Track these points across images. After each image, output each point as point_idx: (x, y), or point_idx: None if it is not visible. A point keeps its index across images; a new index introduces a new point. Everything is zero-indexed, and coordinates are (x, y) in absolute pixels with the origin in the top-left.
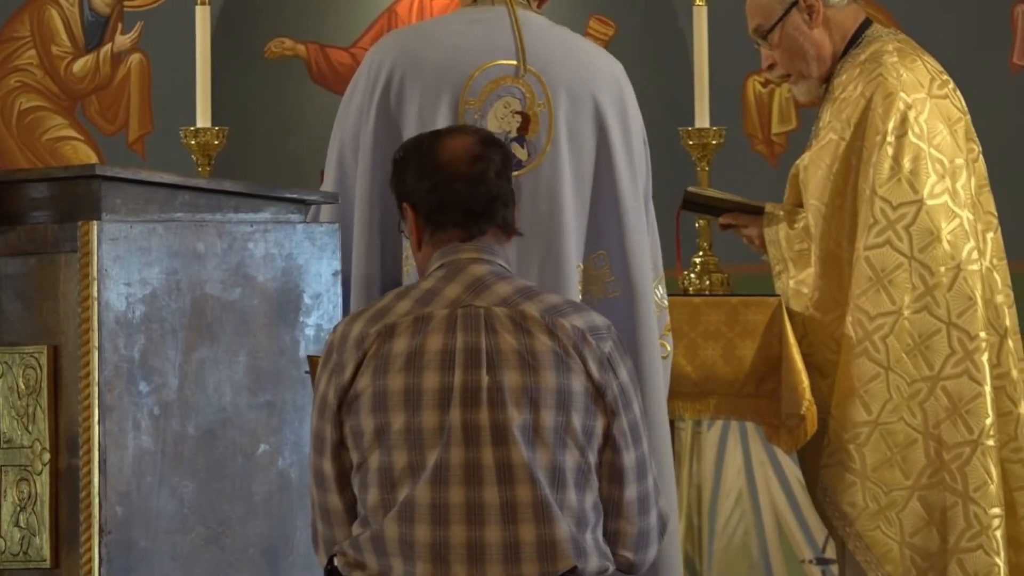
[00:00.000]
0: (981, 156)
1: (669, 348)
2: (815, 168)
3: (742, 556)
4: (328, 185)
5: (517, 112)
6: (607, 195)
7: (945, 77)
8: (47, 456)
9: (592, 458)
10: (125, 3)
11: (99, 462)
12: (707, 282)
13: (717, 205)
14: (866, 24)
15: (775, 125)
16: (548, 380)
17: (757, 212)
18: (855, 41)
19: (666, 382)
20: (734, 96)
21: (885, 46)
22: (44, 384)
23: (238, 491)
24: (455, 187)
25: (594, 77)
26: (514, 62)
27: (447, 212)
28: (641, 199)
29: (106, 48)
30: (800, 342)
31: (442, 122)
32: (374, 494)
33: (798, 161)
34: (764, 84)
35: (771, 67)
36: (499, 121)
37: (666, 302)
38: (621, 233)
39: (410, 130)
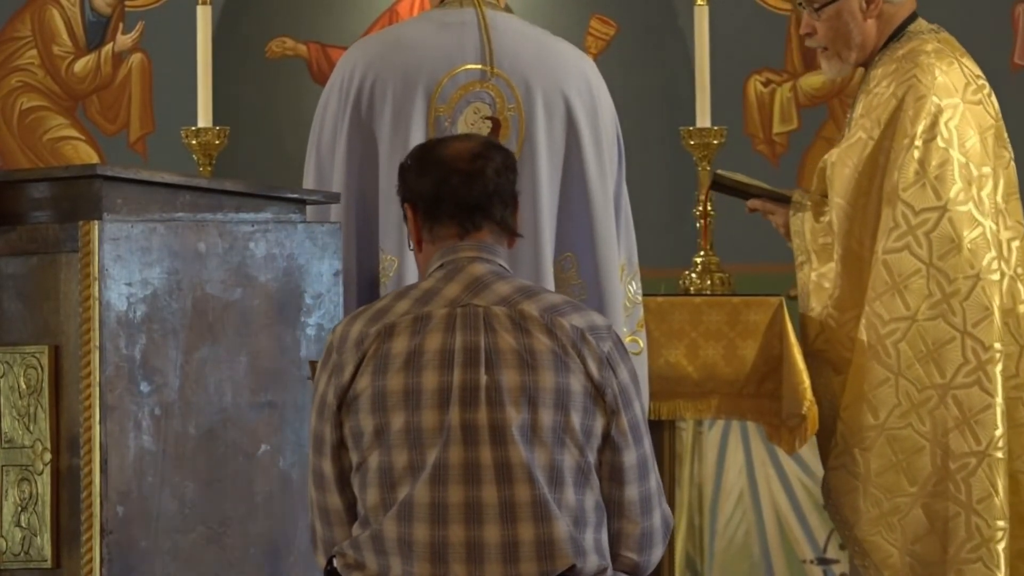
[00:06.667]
0: (1012, 163)
1: (642, 344)
2: (842, 166)
3: (743, 556)
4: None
5: (487, 117)
6: (577, 195)
7: (981, 82)
8: (48, 456)
9: (592, 457)
10: (126, 3)
11: (100, 462)
12: (708, 282)
13: (744, 190)
14: (911, 18)
15: (776, 125)
16: (547, 379)
17: (784, 201)
18: (897, 34)
19: (643, 378)
20: (735, 96)
21: (924, 45)
22: (45, 384)
23: (239, 491)
24: (452, 181)
25: (564, 76)
26: (481, 66)
27: (442, 205)
28: (611, 199)
29: (107, 48)
30: (816, 338)
31: (415, 129)
32: (374, 494)
33: (826, 156)
34: (765, 84)
35: (809, 35)
36: (469, 127)
37: (640, 298)
38: (591, 234)
39: (384, 137)
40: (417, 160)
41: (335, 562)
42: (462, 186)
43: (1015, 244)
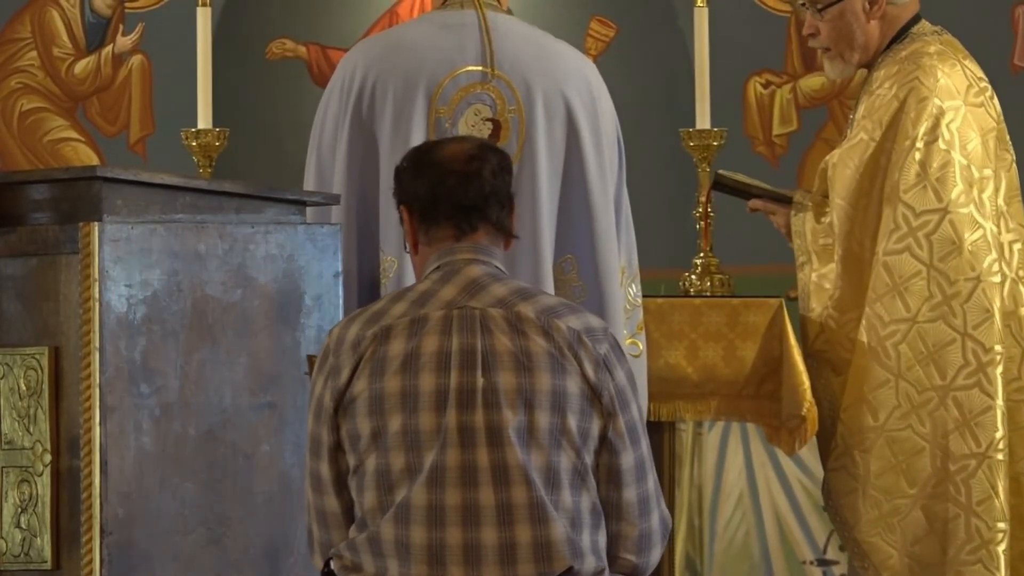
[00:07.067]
0: (1014, 165)
1: (641, 347)
2: (843, 167)
3: (743, 557)
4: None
5: (488, 119)
6: (577, 197)
7: (984, 84)
8: (48, 457)
9: (588, 459)
10: (126, 4)
11: (100, 463)
12: (708, 283)
13: (745, 190)
14: (915, 19)
15: (776, 126)
16: (543, 381)
17: (786, 201)
18: (900, 35)
19: (642, 381)
20: (735, 97)
21: (926, 47)
22: (45, 385)
23: (239, 492)
24: (448, 182)
25: (565, 77)
26: (482, 68)
27: (439, 206)
28: (611, 201)
29: (107, 49)
30: (816, 338)
31: (416, 130)
32: (371, 496)
33: (827, 157)
34: (765, 86)
35: (812, 35)
36: (470, 129)
37: (639, 300)
38: (591, 236)
39: (385, 139)
40: (413, 162)
41: (332, 564)
42: (458, 188)
43: (1016, 247)
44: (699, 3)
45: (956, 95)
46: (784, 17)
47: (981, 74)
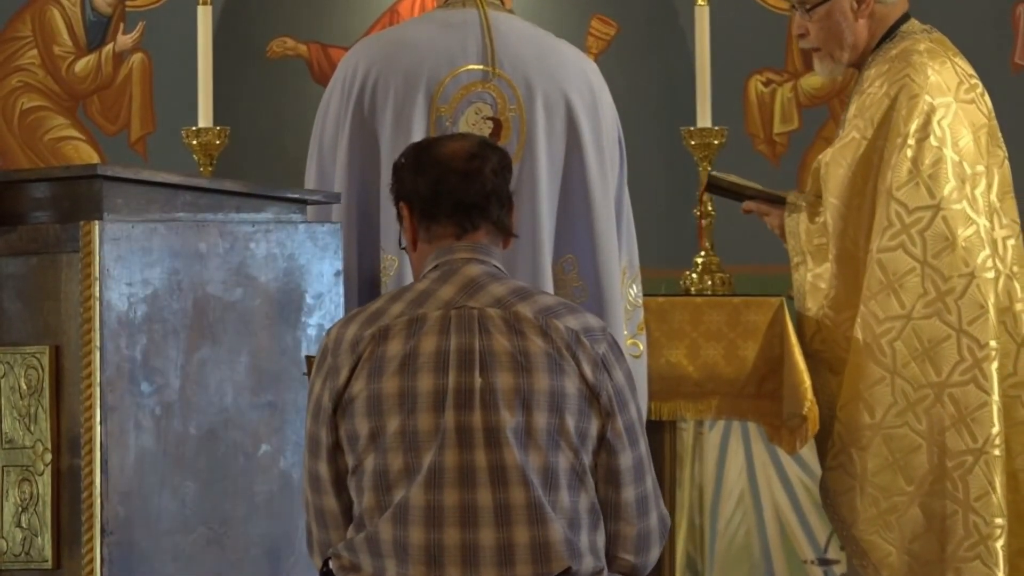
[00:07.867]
0: (1007, 161)
1: (642, 347)
2: (836, 166)
3: (744, 557)
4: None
5: (488, 118)
6: (577, 197)
7: (974, 81)
8: (49, 456)
9: (586, 459)
10: (127, 3)
11: (101, 462)
12: (709, 282)
13: (739, 191)
14: (904, 18)
15: (777, 125)
16: (541, 382)
17: (780, 202)
18: (889, 34)
19: (642, 381)
20: (736, 96)
21: (916, 45)
22: (46, 384)
23: (240, 491)
24: (450, 180)
25: (566, 77)
26: (483, 66)
27: (440, 204)
28: (611, 200)
29: (108, 48)
30: (813, 338)
31: (417, 129)
32: (370, 497)
33: (820, 156)
34: (766, 84)
35: (802, 36)
36: (470, 128)
37: (640, 301)
38: (591, 236)
39: (386, 137)
40: (413, 159)
41: (331, 564)
42: (460, 186)
43: (1010, 242)
44: (700, 1)
45: (947, 92)
46: (785, 16)
47: (971, 71)
